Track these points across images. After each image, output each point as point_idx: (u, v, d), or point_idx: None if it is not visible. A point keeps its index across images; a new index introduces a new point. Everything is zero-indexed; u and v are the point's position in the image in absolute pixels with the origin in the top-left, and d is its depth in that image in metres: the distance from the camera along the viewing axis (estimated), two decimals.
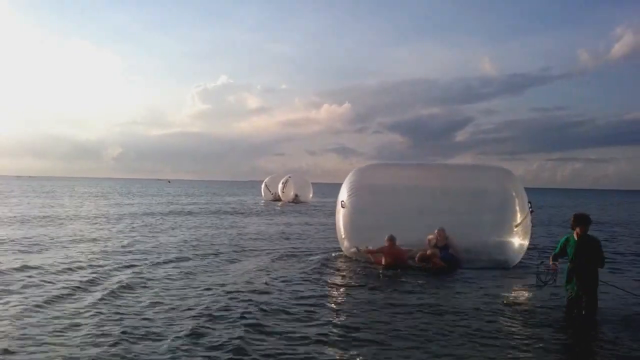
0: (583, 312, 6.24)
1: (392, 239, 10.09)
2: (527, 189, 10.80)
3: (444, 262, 9.90)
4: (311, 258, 11.33)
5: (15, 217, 20.37)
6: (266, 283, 8.40)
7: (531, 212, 10.31)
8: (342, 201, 11.27)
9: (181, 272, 9.34)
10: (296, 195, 37.77)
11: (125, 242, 13.38)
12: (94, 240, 13.85)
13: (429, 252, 10.14)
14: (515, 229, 10.42)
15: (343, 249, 11.55)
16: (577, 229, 6.26)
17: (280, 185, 38.86)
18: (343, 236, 11.42)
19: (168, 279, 8.71)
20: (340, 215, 11.45)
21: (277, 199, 39.75)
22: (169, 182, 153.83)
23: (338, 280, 9.09)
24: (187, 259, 10.90)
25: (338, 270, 10.07)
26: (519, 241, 10.59)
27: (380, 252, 10.17)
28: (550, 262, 6.58)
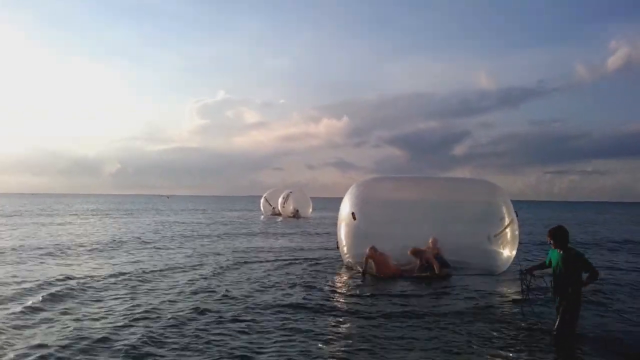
0: (554, 328, 6.16)
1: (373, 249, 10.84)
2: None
3: (441, 265, 10.65)
4: (312, 268, 11.93)
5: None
6: (227, 291, 9.02)
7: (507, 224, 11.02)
8: (353, 213, 11.59)
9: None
10: (296, 211, 38.36)
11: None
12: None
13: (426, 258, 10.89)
14: (494, 238, 11.20)
15: (344, 260, 12.10)
16: (552, 244, 6.22)
17: (280, 200, 39.43)
18: (345, 247, 11.95)
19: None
20: (342, 227, 12.02)
21: (276, 213, 40.35)
22: (168, 197, 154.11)
23: (338, 289, 9.54)
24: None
25: (338, 280, 10.63)
26: (504, 250, 11.35)
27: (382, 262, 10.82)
28: (524, 270, 6.70)
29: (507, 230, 11.22)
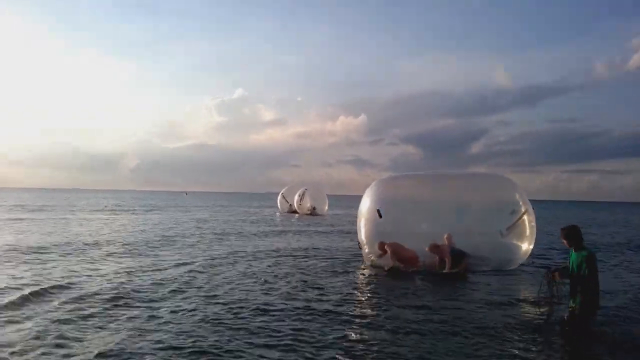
0: (567, 326, 6.14)
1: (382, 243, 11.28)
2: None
3: (457, 256, 11.02)
4: (332, 265, 12.24)
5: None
6: (265, 281, 9.71)
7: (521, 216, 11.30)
8: (379, 210, 11.80)
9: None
10: (313, 208, 38.76)
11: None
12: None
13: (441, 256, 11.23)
14: (506, 231, 11.47)
15: (365, 259, 12.31)
16: (566, 243, 6.22)
17: (296, 198, 39.88)
18: (366, 246, 12.19)
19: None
20: (363, 226, 12.28)
21: (293, 210, 40.90)
22: (186, 194, 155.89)
23: (356, 287, 9.73)
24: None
25: (358, 276, 10.94)
26: (519, 243, 11.70)
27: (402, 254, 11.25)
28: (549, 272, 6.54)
29: (520, 223, 11.50)
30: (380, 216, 11.78)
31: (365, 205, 12.45)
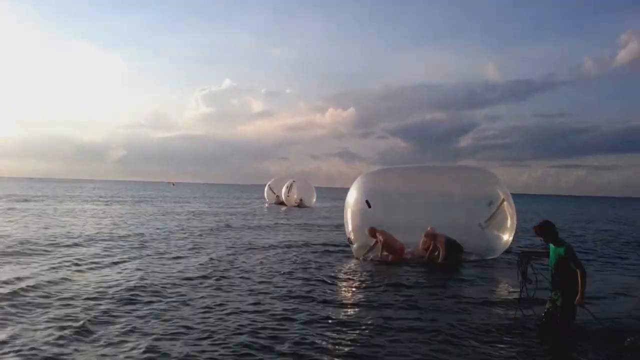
0: (543, 320, 6.19)
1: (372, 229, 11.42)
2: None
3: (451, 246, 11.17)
4: (316, 257, 12.23)
5: None
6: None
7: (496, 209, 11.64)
8: (367, 201, 11.97)
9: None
10: (300, 200, 38.65)
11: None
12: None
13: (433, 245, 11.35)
14: (485, 224, 11.75)
15: (354, 252, 12.28)
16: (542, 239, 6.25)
17: (284, 190, 39.67)
18: (352, 235, 12.28)
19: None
20: (349, 215, 12.38)
21: (280, 202, 40.70)
22: (173, 184, 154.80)
23: (342, 279, 9.73)
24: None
25: (344, 269, 10.85)
26: (498, 234, 12.17)
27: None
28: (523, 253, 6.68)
29: (499, 214, 11.87)
30: (370, 206, 11.87)
31: (353, 197, 12.57)
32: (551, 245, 6.15)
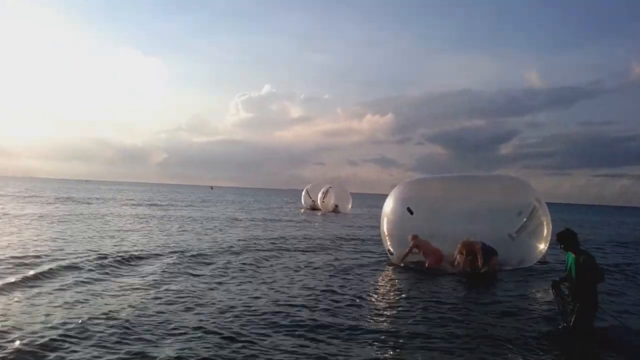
0: (570, 323, 6.23)
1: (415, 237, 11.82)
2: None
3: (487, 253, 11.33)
4: (354, 266, 12.47)
5: None
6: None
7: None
8: (409, 207, 12.33)
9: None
10: (336, 206, 39.12)
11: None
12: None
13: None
14: (515, 235, 11.85)
15: (389, 256, 12.76)
16: (562, 247, 6.33)
17: (320, 195, 40.13)
18: (389, 243, 12.75)
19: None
20: (385, 224, 12.77)
21: (315, 207, 41.37)
22: (212, 188, 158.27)
23: (378, 286, 10.14)
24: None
25: (381, 276, 11.23)
26: (536, 244, 12.33)
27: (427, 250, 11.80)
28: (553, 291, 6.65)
29: (531, 224, 11.96)
30: (412, 213, 12.23)
31: (390, 206, 12.96)
32: (570, 255, 6.26)
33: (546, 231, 12.37)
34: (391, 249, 12.55)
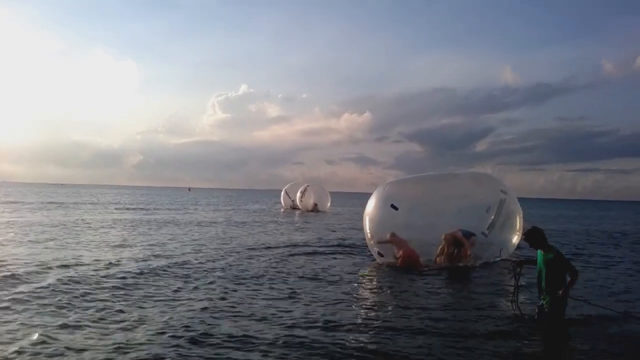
0: (544, 314, 6.51)
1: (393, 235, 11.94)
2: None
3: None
4: (336, 262, 12.78)
5: None
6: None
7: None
8: (392, 204, 12.44)
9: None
10: (315, 205, 39.21)
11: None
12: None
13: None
14: (487, 231, 12.14)
15: (372, 252, 12.91)
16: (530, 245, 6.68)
17: (298, 194, 40.19)
18: (371, 241, 12.87)
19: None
20: (367, 222, 12.93)
21: (295, 207, 41.29)
22: (190, 190, 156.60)
23: (360, 282, 10.29)
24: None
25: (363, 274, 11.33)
26: (509, 237, 12.74)
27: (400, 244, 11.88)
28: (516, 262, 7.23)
29: (499, 219, 12.23)
30: (396, 209, 12.35)
31: (372, 206, 13.04)
32: (540, 252, 6.51)
33: (518, 224, 12.73)
34: (381, 252, 12.56)
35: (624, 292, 9.88)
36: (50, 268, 10.41)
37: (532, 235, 6.52)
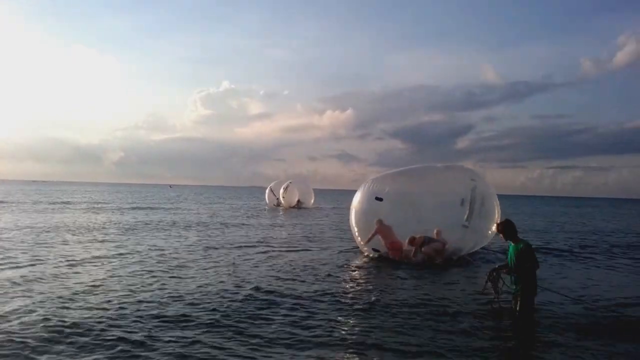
0: (516, 314, 6.74)
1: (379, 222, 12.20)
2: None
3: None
4: (323, 256, 12.90)
5: None
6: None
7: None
8: (377, 197, 12.65)
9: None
10: (299, 201, 39.14)
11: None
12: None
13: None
14: (467, 222, 12.39)
15: (359, 245, 13.14)
16: (502, 237, 7.00)
17: (281, 191, 39.59)
18: (357, 233, 13.09)
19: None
20: (353, 215, 13.14)
21: (279, 204, 41.19)
22: (171, 187, 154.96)
23: (348, 276, 10.36)
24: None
25: (349, 267, 11.44)
26: (484, 228, 12.83)
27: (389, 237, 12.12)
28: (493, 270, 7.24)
29: (475, 209, 12.44)
30: (381, 200, 12.59)
31: (358, 200, 13.23)
32: (511, 243, 6.88)
33: (496, 207, 13.00)
34: (375, 248, 12.65)
35: (593, 283, 10.30)
36: None
37: (505, 227, 6.85)
